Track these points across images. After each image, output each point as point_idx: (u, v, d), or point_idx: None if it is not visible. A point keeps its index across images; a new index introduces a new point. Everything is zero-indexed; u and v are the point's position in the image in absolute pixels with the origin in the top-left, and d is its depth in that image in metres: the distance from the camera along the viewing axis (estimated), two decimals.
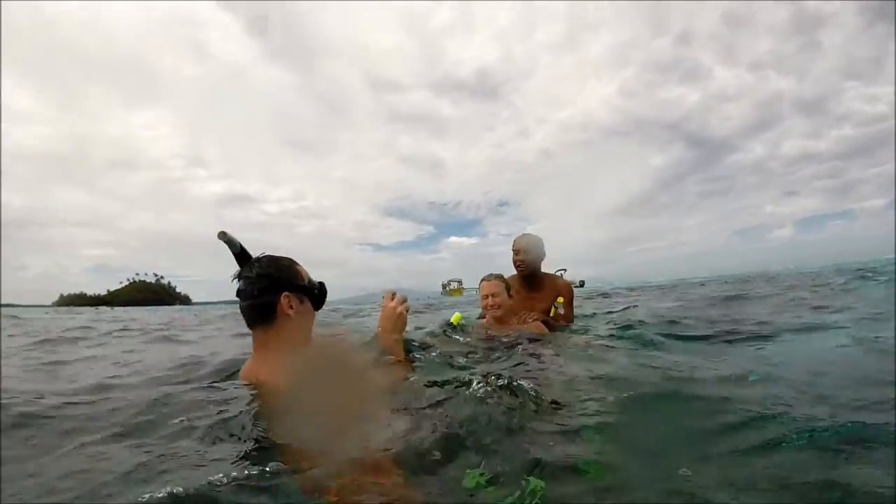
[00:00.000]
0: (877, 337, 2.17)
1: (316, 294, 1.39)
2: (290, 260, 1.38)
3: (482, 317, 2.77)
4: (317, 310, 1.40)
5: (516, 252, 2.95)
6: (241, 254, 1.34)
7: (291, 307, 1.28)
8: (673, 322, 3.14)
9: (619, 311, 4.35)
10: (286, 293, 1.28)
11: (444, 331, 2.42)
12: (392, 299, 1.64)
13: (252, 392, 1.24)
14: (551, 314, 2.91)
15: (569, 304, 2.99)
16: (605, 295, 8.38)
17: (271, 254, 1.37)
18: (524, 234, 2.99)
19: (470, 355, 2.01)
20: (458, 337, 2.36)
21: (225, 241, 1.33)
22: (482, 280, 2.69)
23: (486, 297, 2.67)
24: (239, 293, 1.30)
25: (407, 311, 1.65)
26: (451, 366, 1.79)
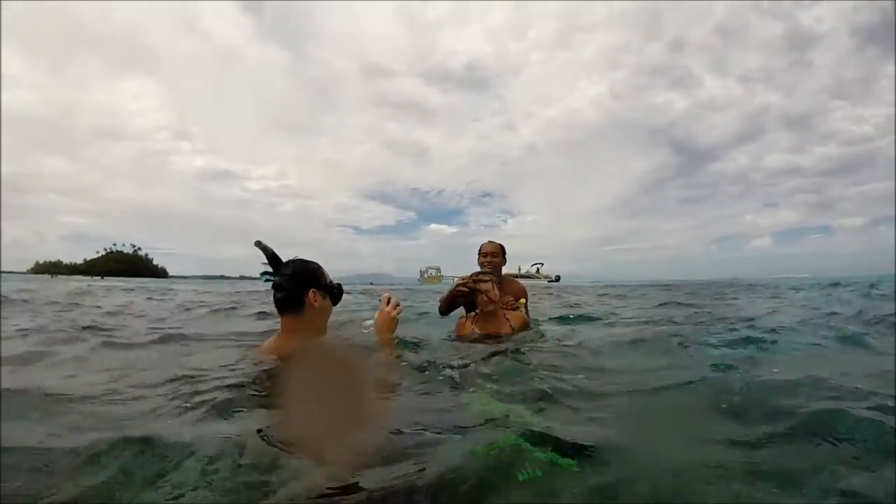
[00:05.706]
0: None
1: (335, 292, 1.74)
2: (317, 264, 1.72)
3: (464, 316, 2.88)
4: (335, 304, 1.75)
5: (484, 255, 3.24)
6: (272, 257, 1.67)
7: (316, 300, 1.63)
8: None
9: None
10: (314, 289, 1.63)
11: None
12: (388, 304, 1.89)
13: (276, 362, 1.60)
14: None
15: (525, 305, 3.26)
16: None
17: (303, 258, 1.71)
18: (490, 241, 3.33)
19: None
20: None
21: (260, 248, 1.67)
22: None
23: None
24: (274, 286, 1.63)
25: (399, 313, 1.91)
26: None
